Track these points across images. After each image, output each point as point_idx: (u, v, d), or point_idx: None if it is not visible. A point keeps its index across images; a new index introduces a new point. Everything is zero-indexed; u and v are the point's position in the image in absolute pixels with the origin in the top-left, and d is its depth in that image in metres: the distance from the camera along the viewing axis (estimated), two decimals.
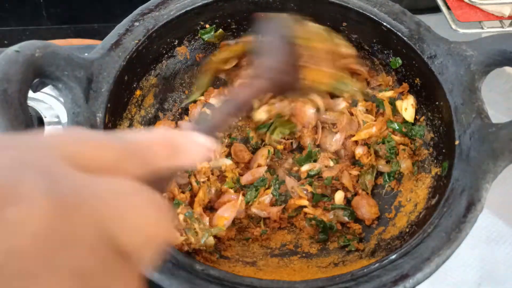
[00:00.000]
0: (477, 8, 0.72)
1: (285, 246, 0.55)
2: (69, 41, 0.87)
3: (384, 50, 0.61)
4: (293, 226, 0.57)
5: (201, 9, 0.59)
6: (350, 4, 0.59)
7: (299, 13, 0.64)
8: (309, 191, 0.57)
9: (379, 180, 0.59)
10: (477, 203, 0.43)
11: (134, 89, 0.56)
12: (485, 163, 0.44)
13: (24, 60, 0.39)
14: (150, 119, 0.59)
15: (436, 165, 0.53)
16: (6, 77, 0.37)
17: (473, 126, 0.47)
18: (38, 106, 0.73)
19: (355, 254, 0.51)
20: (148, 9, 0.56)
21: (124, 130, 0.54)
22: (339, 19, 0.62)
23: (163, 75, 0.61)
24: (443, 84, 0.52)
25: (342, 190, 0.57)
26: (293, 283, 0.41)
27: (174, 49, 0.61)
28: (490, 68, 0.50)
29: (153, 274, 0.39)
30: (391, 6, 0.58)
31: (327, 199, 0.57)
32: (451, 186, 0.45)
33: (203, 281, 0.40)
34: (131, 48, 0.52)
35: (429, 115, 0.56)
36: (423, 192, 0.52)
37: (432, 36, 0.55)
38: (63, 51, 0.45)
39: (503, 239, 0.66)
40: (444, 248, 0.41)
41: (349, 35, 0.64)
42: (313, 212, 0.55)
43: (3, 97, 0.36)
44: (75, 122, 0.45)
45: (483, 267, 0.64)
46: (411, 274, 0.40)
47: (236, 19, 0.62)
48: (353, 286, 0.40)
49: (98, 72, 0.49)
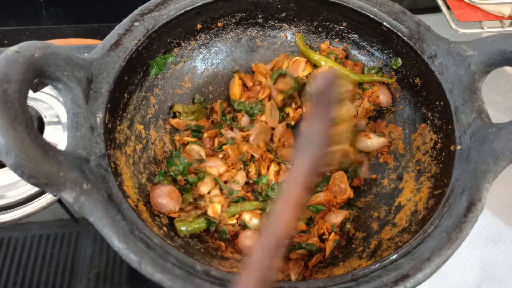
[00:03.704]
0: (477, 8, 0.72)
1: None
2: (69, 41, 0.87)
3: (384, 50, 0.61)
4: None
5: (201, 9, 0.59)
6: (350, 4, 0.59)
7: (299, 13, 0.64)
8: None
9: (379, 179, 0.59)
10: (477, 203, 0.43)
11: (134, 89, 0.56)
12: (485, 163, 0.44)
13: (24, 61, 0.39)
14: (150, 119, 0.58)
15: (436, 165, 0.53)
16: (6, 78, 0.37)
17: (473, 126, 0.47)
18: (38, 106, 0.73)
19: (355, 254, 0.51)
20: (148, 9, 0.56)
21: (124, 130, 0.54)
22: (339, 19, 0.63)
23: (164, 75, 0.61)
24: (443, 84, 0.52)
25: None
26: (294, 283, 0.41)
27: (174, 49, 0.61)
28: (490, 68, 0.50)
29: (154, 274, 0.39)
30: (391, 6, 0.58)
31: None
32: (451, 186, 0.45)
33: (204, 281, 0.40)
34: (131, 48, 0.52)
35: (429, 115, 0.56)
36: (423, 192, 0.52)
37: (432, 36, 0.55)
38: (63, 52, 0.44)
39: (503, 239, 0.66)
40: (444, 248, 0.41)
41: (349, 35, 0.64)
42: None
43: (3, 97, 0.36)
44: (75, 123, 0.45)
45: (483, 267, 0.64)
46: (412, 274, 0.40)
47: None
48: (354, 286, 0.40)
49: (98, 72, 0.49)
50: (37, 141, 0.37)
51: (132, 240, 0.40)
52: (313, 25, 0.65)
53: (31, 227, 0.64)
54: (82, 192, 0.40)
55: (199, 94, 0.64)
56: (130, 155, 0.53)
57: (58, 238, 0.63)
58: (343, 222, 0.55)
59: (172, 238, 0.49)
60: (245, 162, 0.59)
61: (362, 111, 0.62)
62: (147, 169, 0.55)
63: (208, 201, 0.55)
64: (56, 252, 0.62)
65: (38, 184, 0.38)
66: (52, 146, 0.39)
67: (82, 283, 0.59)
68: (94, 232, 0.63)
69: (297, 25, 0.66)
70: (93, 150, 0.44)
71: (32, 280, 0.59)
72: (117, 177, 0.46)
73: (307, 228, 0.56)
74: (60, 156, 0.40)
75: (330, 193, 0.58)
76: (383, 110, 0.63)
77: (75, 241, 0.63)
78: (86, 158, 0.43)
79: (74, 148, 0.44)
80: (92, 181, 0.42)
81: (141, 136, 0.56)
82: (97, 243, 0.63)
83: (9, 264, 0.61)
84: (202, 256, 0.48)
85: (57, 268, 0.60)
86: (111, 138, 0.49)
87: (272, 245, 0.35)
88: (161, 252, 0.41)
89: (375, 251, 0.50)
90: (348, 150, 0.48)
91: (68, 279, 0.60)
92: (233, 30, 0.65)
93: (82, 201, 0.40)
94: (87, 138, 0.45)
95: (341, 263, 0.50)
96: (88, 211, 0.41)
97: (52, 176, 0.38)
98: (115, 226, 0.41)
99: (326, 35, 0.65)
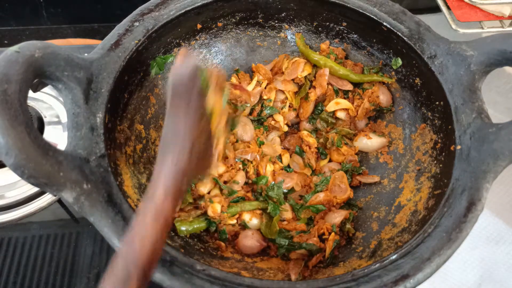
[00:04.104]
0: (477, 8, 0.72)
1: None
2: (69, 41, 0.87)
3: (384, 50, 0.61)
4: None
5: (201, 9, 0.59)
6: (350, 4, 0.59)
7: (299, 13, 0.64)
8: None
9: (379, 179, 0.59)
10: (477, 203, 0.43)
11: (134, 89, 0.56)
12: (485, 163, 0.44)
13: (24, 61, 0.39)
14: (150, 119, 0.58)
15: (436, 165, 0.53)
16: (6, 78, 0.37)
17: (473, 126, 0.47)
18: (38, 106, 0.73)
19: (355, 254, 0.51)
20: (148, 9, 0.56)
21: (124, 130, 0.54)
22: (339, 19, 0.62)
23: (164, 75, 0.61)
24: (443, 84, 0.52)
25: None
26: (294, 283, 0.41)
27: (174, 49, 0.61)
28: (490, 68, 0.50)
29: (154, 274, 0.39)
30: (391, 6, 0.58)
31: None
32: (451, 186, 0.45)
33: (204, 281, 0.40)
34: (131, 48, 0.52)
35: (429, 115, 0.56)
36: (423, 192, 0.52)
37: (432, 36, 0.55)
38: (63, 52, 0.44)
39: (503, 239, 0.66)
40: (444, 248, 0.41)
41: (349, 35, 0.64)
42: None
43: (3, 97, 0.36)
44: (75, 123, 0.45)
45: (483, 267, 0.64)
46: (412, 274, 0.40)
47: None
48: (354, 286, 0.40)
49: (98, 72, 0.49)
50: (37, 141, 0.37)
51: None
52: (313, 25, 0.65)
53: (31, 227, 0.64)
54: (82, 192, 0.40)
55: None
56: (130, 155, 0.53)
57: (58, 238, 0.63)
58: (343, 222, 0.55)
59: (172, 238, 0.49)
60: (244, 162, 0.59)
61: (362, 111, 0.62)
62: (147, 169, 0.55)
63: (208, 201, 0.55)
64: (56, 252, 0.62)
65: (38, 184, 0.38)
66: (52, 146, 0.39)
67: (82, 283, 0.59)
68: (94, 232, 0.63)
69: (297, 25, 0.66)
70: (93, 150, 0.44)
71: (32, 280, 0.59)
72: (117, 177, 0.46)
73: (307, 228, 0.56)
74: (60, 156, 0.40)
75: (330, 193, 0.58)
76: (383, 110, 0.63)
77: (75, 241, 0.63)
78: (86, 158, 0.43)
79: (74, 148, 0.44)
80: (92, 181, 0.42)
81: (141, 136, 0.56)
82: (97, 243, 0.63)
83: (9, 264, 0.61)
84: (202, 256, 0.48)
85: (57, 268, 0.60)
86: (111, 138, 0.49)
87: (131, 265, 0.32)
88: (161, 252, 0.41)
89: (375, 251, 0.50)
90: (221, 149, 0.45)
91: (68, 279, 0.60)
92: (233, 30, 0.65)
93: (82, 201, 0.40)
94: (87, 138, 0.45)
95: (341, 263, 0.50)
96: (88, 211, 0.41)
97: (52, 176, 0.38)
98: (115, 226, 0.41)
99: (326, 35, 0.65)
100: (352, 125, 0.64)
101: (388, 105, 0.62)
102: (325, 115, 0.64)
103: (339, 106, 0.63)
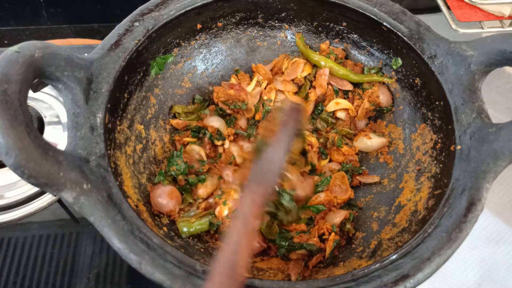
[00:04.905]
0: (477, 8, 0.72)
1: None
2: (69, 41, 0.87)
3: (384, 50, 0.61)
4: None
5: (201, 9, 0.59)
6: (350, 4, 0.59)
7: (299, 13, 0.64)
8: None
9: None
10: (477, 203, 0.43)
11: (134, 89, 0.56)
12: (485, 163, 0.44)
13: (24, 61, 0.39)
14: (150, 119, 0.58)
15: (436, 165, 0.53)
16: (6, 78, 0.37)
17: (473, 126, 0.47)
18: (38, 106, 0.73)
19: (355, 254, 0.51)
20: (148, 9, 0.56)
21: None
22: (339, 19, 0.63)
23: (164, 75, 0.61)
24: (443, 84, 0.52)
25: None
26: (294, 283, 0.41)
27: (174, 49, 0.61)
28: (490, 68, 0.50)
29: (154, 274, 0.39)
30: (391, 6, 0.58)
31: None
32: (451, 186, 0.45)
33: (204, 281, 0.40)
34: (131, 48, 0.52)
35: (429, 115, 0.56)
36: (423, 192, 0.52)
37: (432, 36, 0.55)
38: (63, 52, 0.44)
39: (503, 239, 0.66)
40: (444, 248, 0.41)
41: (349, 35, 0.64)
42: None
43: (3, 97, 0.36)
44: (75, 123, 0.45)
45: (483, 267, 0.64)
46: (412, 274, 0.40)
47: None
48: (354, 286, 0.40)
49: (98, 72, 0.49)
50: (37, 141, 0.37)
51: (132, 240, 0.40)
52: (313, 25, 0.65)
53: (31, 227, 0.64)
54: (82, 192, 0.40)
55: (199, 94, 0.64)
56: (130, 155, 0.53)
57: (58, 238, 0.63)
58: (343, 222, 0.55)
59: (172, 238, 0.49)
60: None
61: (362, 111, 0.62)
62: (147, 169, 0.55)
63: (222, 202, 0.55)
64: (56, 252, 0.62)
65: (38, 184, 0.38)
66: (52, 146, 0.39)
67: (82, 283, 0.59)
68: (94, 232, 0.63)
69: (297, 25, 0.66)
70: (93, 150, 0.44)
71: (32, 280, 0.59)
72: (117, 177, 0.46)
73: (307, 228, 0.56)
74: (60, 156, 0.40)
75: (330, 193, 0.58)
76: (383, 110, 0.63)
77: (75, 241, 0.63)
78: (86, 158, 0.43)
79: (74, 148, 0.44)
80: (92, 181, 0.42)
81: (141, 136, 0.56)
82: (97, 243, 0.63)
83: (9, 264, 0.61)
84: (202, 256, 0.48)
85: (57, 268, 0.60)
86: (111, 138, 0.49)
87: (228, 271, 0.35)
88: (161, 252, 0.41)
89: (375, 251, 0.50)
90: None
91: (68, 279, 0.60)
92: (233, 30, 0.65)
93: (82, 201, 0.40)
94: (87, 138, 0.45)
95: (341, 263, 0.50)
96: (88, 211, 0.41)
97: (52, 176, 0.38)
98: (115, 226, 0.41)
99: (326, 35, 0.65)
100: (352, 125, 0.65)
101: (388, 105, 0.62)
102: (325, 115, 0.64)
103: (339, 106, 0.63)
